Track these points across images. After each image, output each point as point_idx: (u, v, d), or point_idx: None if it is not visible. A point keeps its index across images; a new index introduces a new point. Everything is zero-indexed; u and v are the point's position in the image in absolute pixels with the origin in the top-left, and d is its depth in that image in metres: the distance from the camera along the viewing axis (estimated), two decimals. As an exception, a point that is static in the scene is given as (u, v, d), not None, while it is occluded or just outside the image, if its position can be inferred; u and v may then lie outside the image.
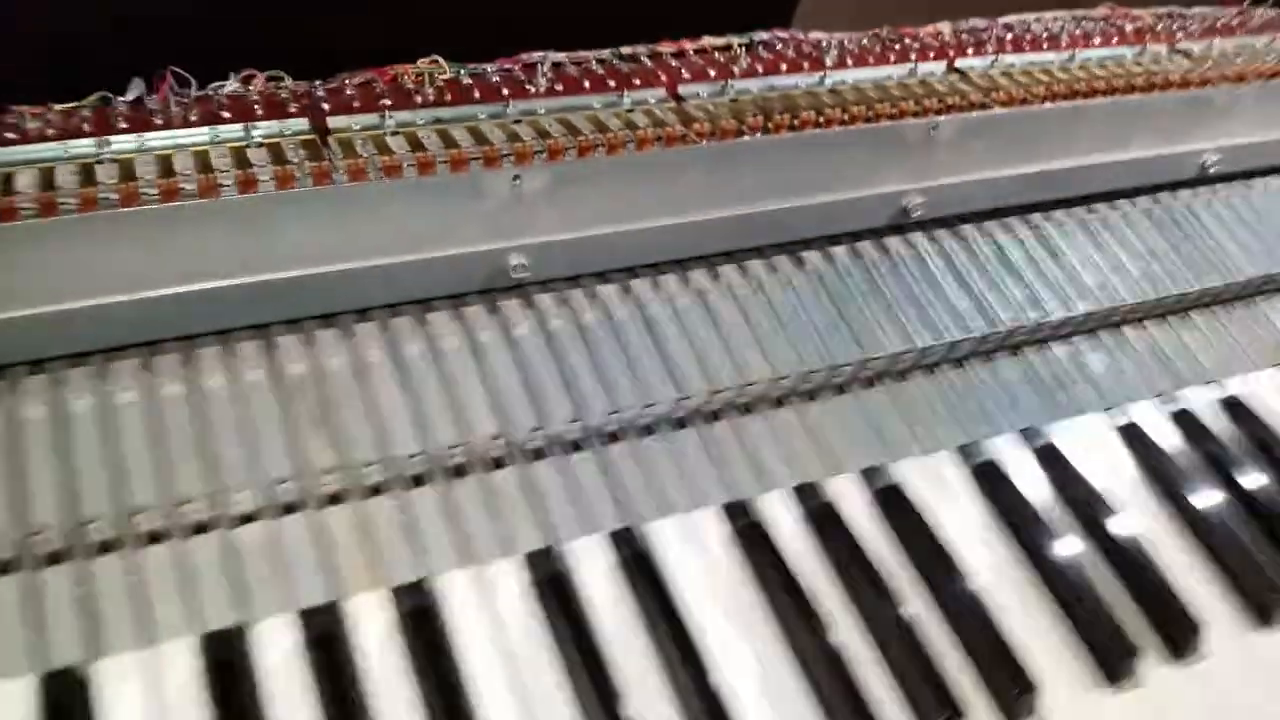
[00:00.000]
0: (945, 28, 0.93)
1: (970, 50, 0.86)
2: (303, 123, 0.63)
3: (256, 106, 0.64)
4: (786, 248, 0.71)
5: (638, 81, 0.74)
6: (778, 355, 0.65)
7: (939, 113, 0.74)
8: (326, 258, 0.58)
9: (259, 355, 0.58)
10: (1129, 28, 0.96)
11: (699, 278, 0.68)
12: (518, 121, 0.67)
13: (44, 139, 0.58)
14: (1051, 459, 0.65)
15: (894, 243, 0.74)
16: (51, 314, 0.53)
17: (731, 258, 0.70)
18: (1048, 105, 0.78)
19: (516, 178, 0.60)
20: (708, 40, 0.84)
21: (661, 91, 0.73)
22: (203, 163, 0.58)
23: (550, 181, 0.62)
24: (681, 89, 0.74)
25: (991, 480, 0.63)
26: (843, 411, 0.65)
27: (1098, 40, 0.92)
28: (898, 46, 0.85)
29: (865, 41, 0.86)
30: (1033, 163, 0.77)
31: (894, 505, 0.60)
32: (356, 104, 0.66)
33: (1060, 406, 0.68)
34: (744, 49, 0.83)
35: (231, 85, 0.67)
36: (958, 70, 0.82)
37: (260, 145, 0.61)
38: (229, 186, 0.57)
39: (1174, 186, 0.85)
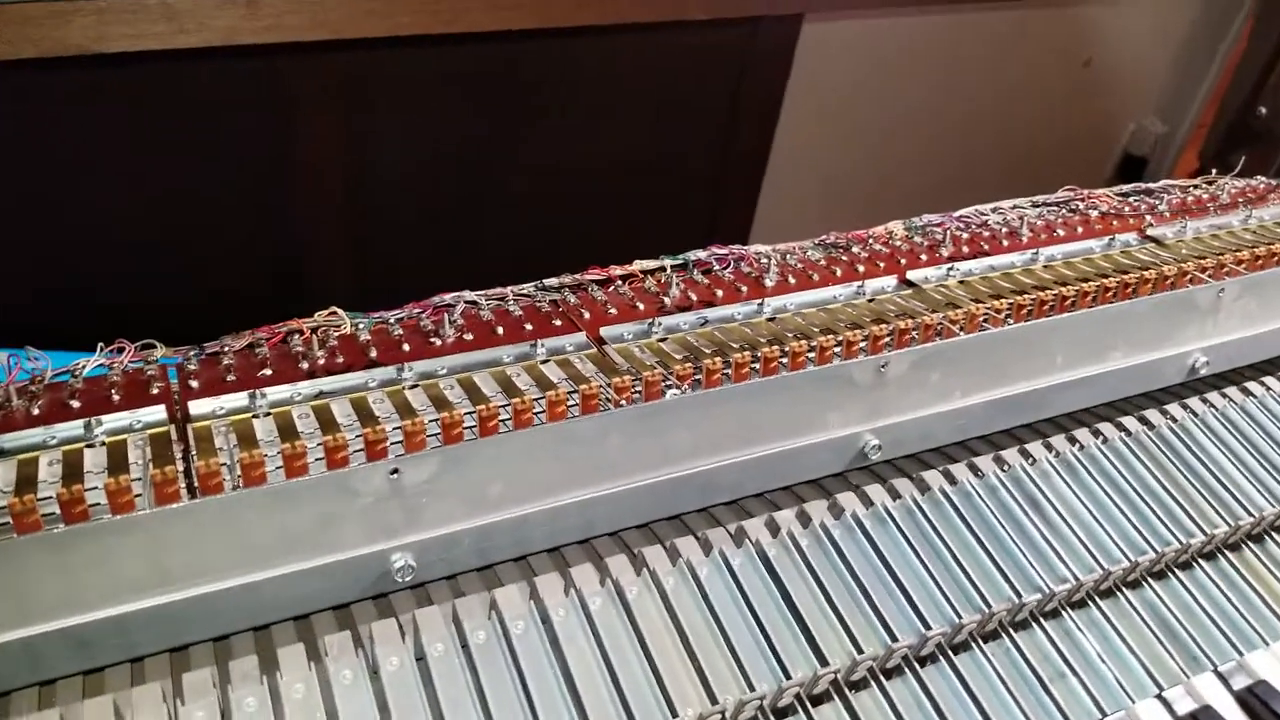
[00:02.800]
0: (897, 227, 0.88)
1: (924, 257, 0.79)
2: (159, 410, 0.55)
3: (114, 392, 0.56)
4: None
5: (557, 324, 0.67)
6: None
7: (890, 341, 0.67)
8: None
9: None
10: (1093, 213, 0.91)
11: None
12: (414, 387, 0.60)
13: None
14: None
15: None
16: None
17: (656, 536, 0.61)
18: (1011, 326, 0.70)
19: (395, 471, 0.52)
20: (638, 265, 0.78)
21: (582, 336, 0.66)
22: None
23: (437, 470, 0.53)
24: (604, 330, 0.67)
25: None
26: None
27: (1061, 232, 0.86)
28: (844, 257, 0.79)
29: (812, 252, 0.80)
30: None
31: None
32: (231, 378, 0.59)
33: None
34: (676, 272, 0.77)
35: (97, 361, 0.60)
36: (910, 283, 0.76)
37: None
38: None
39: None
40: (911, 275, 0.76)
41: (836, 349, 0.66)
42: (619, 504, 0.59)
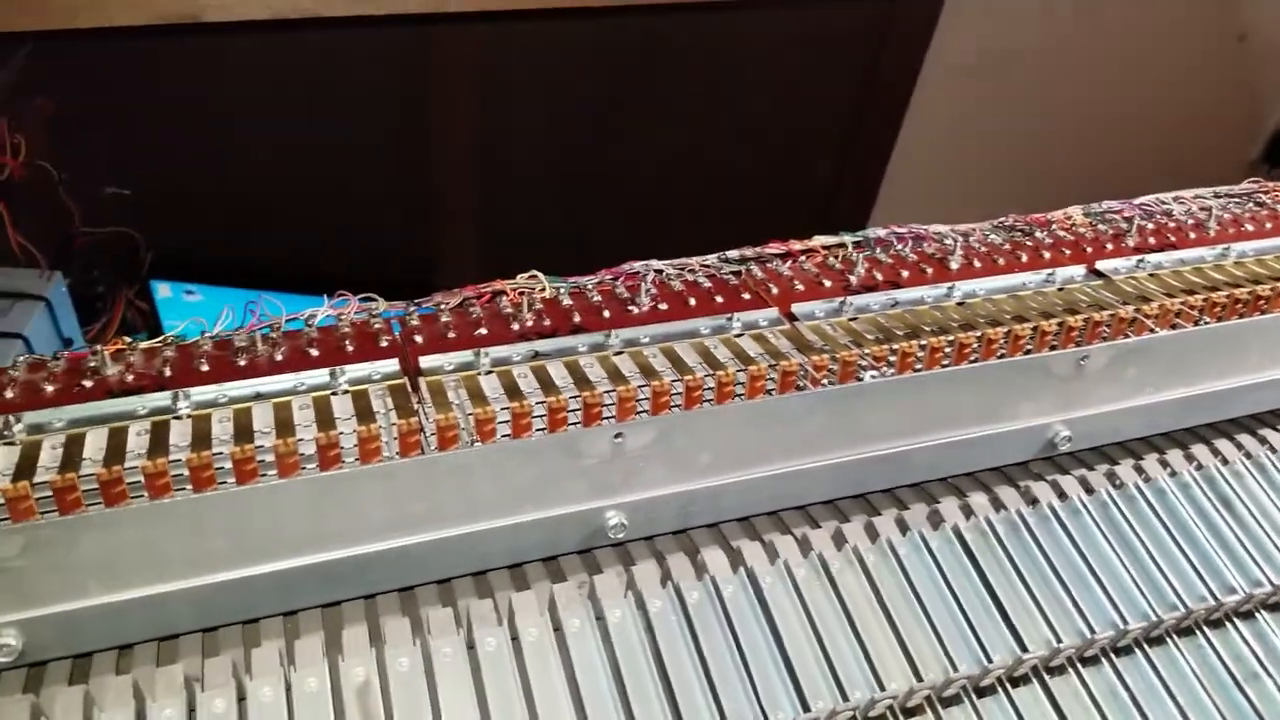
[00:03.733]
0: (1076, 212, 0.86)
1: (1109, 246, 0.78)
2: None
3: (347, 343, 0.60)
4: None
5: (746, 297, 0.69)
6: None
7: (1086, 333, 0.66)
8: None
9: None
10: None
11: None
12: (619, 353, 0.62)
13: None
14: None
15: None
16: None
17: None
18: (1206, 324, 0.69)
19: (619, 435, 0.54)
20: (819, 240, 0.79)
21: (774, 312, 0.67)
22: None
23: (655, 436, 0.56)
24: (796, 307, 0.68)
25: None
26: None
27: (1249, 227, 0.83)
28: (1029, 242, 0.78)
29: (993, 235, 0.80)
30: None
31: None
32: (451, 335, 0.62)
33: None
34: (857, 249, 0.77)
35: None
36: (1099, 273, 0.75)
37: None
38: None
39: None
40: (1101, 265, 0.75)
41: (1030, 338, 0.66)
42: (813, 479, 0.61)
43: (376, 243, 1.56)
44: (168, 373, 0.57)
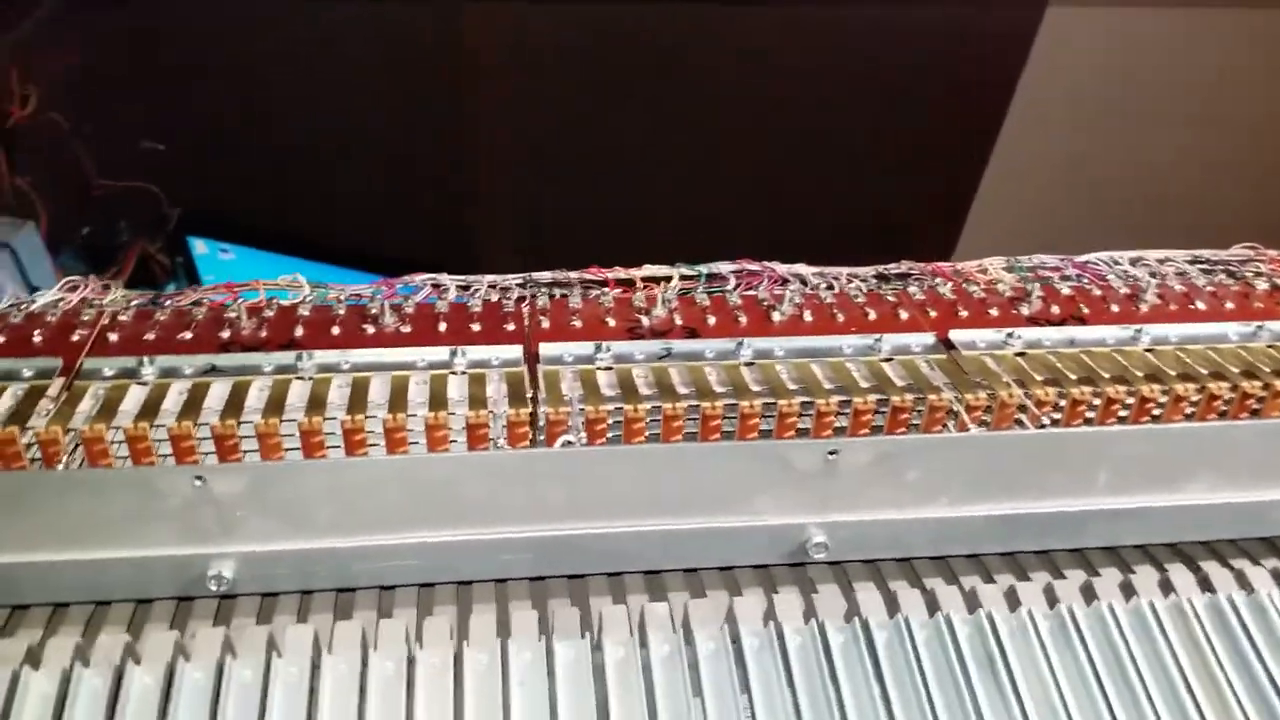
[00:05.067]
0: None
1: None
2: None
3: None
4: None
5: (904, 316, 0.63)
6: None
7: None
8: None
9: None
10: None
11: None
12: (749, 364, 0.58)
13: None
14: None
15: None
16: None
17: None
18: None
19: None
20: (987, 263, 0.71)
21: (930, 337, 0.61)
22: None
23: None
24: (954, 334, 0.61)
25: None
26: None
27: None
28: (1236, 287, 0.68)
29: (1189, 267, 0.70)
30: None
31: None
32: (576, 324, 0.60)
33: None
34: (1031, 275, 0.70)
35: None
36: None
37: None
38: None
39: None
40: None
41: (1228, 398, 0.57)
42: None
43: (412, 217, 1.52)
44: (300, 332, 0.57)
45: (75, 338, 0.56)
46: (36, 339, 0.56)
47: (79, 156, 1.24)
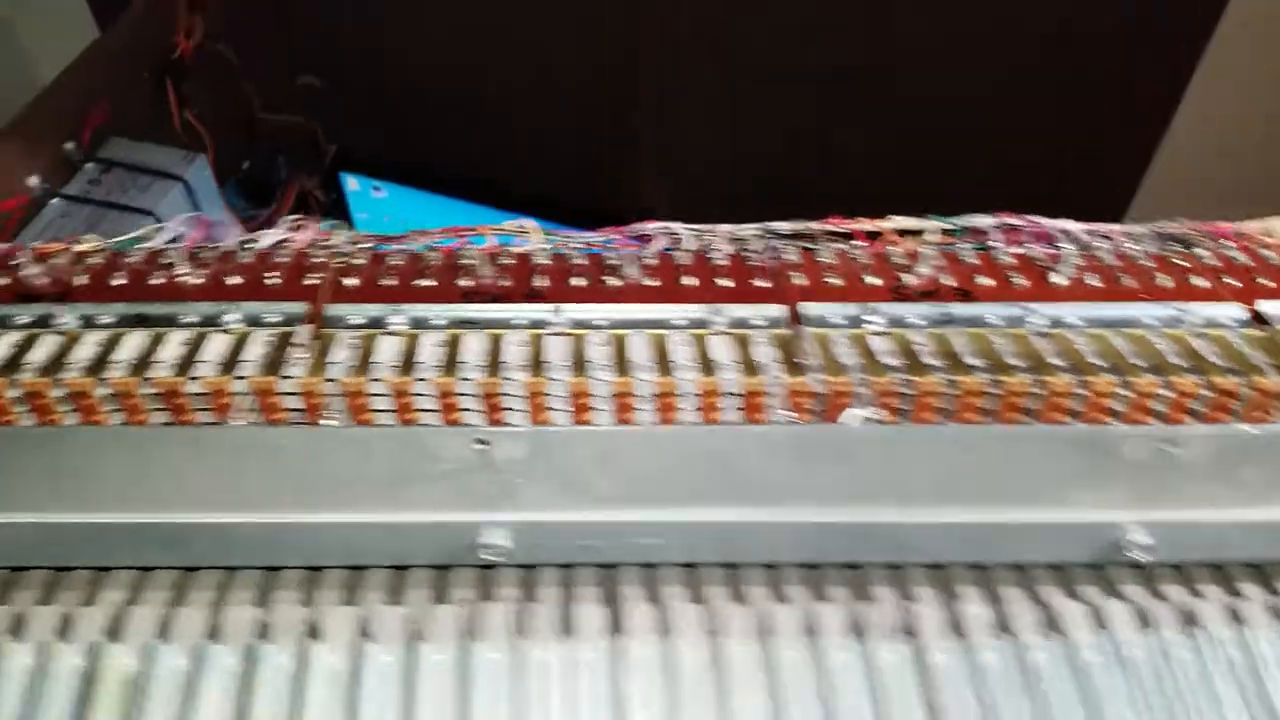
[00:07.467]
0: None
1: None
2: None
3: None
4: None
5: (1203, 284, 0.55)
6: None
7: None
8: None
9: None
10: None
11: None
12: (1041, 334, 0.51)
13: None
14: None
15: None
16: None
17: None
18: None
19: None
20: (1275, 224, 0.63)
21: (1237, 308, 0.53)
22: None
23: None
24: (1261, 305, 0.54)
25: None
26: None
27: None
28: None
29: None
30: None
31: None
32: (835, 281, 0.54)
33: None
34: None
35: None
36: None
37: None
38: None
39: None
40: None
41: None
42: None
43: (569, 158, 1.45)
44: (542, 283, 0.53)
45: (310, 281, 0.53)
46: (273, 280, 0.53)
47: (242, 89, 1.22)
